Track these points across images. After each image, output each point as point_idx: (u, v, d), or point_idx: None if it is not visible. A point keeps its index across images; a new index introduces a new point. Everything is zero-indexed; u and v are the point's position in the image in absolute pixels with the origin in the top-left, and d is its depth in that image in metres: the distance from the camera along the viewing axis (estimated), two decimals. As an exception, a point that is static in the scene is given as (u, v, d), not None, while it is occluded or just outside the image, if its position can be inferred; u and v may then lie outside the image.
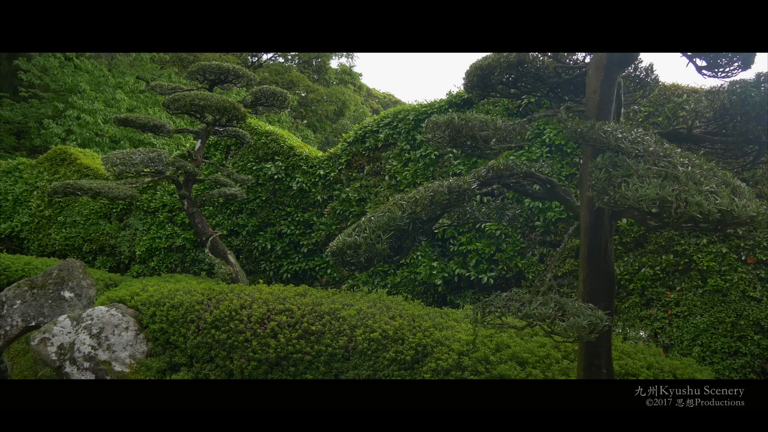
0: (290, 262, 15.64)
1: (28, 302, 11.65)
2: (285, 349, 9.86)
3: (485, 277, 12.33)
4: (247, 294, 10.80)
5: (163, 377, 10.60)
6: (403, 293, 12.69)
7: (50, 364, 10.88)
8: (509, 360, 8.28)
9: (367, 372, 9.47)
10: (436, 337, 9.18)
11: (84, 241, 18.05)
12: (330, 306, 10.22)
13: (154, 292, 11.22)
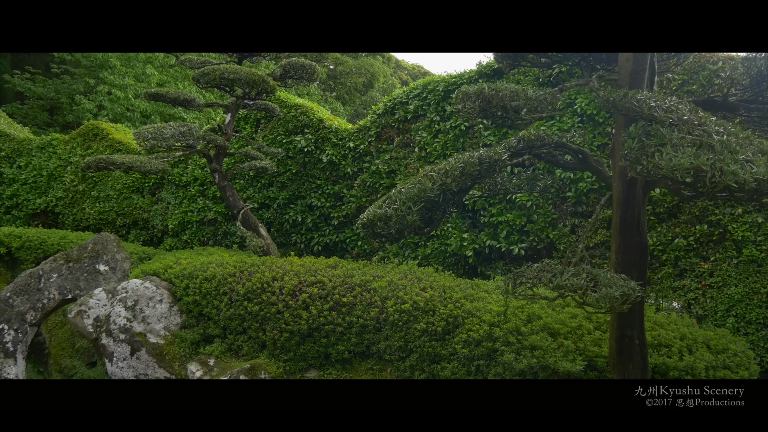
0: (321, 234, 15.70)
1: (65, 276, 11.85)
2: (317, 320, 9.93)
3: (516, 249, 12.29)
4: (278, 266, 10.87)
5: (197, 349, 10.74)
6: (433, 265, 12.70)
7: (87, 336, 11.08)
8: (541, 331, 8.27)
9: (399, 343, 9.52)
10: (467, 309, 9.19)
11: (117, 215, 18.26)
12: (361, 278, 10.26)
13: (187, 264, 11.34)
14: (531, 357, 7.87)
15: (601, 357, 7.85)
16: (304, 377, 10.14)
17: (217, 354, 10.54)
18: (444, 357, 9.23)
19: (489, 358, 8.60)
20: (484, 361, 8.65)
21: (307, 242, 15.92)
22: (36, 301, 11.66)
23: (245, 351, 10.51)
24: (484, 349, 8.57)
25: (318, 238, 15.70)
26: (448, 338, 9.22)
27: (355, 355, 10.05)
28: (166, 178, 17.60)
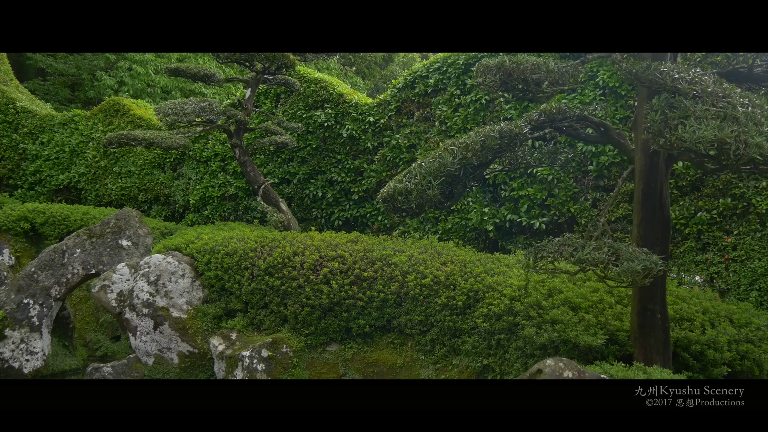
0: (341, 209, 15.73)
1: (88, 251, 11.97)
2: (338, 295, 9.98)
3: (537, 223, 12.25)
4: (299, 241, 10.91)
5: (219, 323, 10.84)
6: (454, 239, 12.69)
7: (110, 310, 11.21)
8: (562, 305, 8.26)
9: (419, 317, 9.55)
10: (488, 283, 9.19)
11: (139, 191, 18.37)
12: (381, 252, 10.28)
13: (208, 240, 11.41)
14: (552, 331, 7.87)
15: (623, 331, 7.84)
16: (326, 351, 10.22)
17: (239, 328, 10.64)
18: (465, 331, 9.26)
19: (510, 332, 8.62)
20: (504, 335, 8.67)
21: (328, 217, 15.95)
22: (60, 276, 11.80)
23: (267, 325, 10.59)
24: (505, 323, 8.58)
25: (338, 213, 15.73)
26: (469, 312, 9.24)
27: (375, 329, 10.11)
28: (187, 154, 17.66)
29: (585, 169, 12.17)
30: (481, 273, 9.43)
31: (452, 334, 9.38)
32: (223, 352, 10.21)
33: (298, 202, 16.23)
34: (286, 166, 16.35)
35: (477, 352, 9.07)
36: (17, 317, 11.63)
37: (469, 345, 9.13)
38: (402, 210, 6.84)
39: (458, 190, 6.95)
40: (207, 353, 10.63)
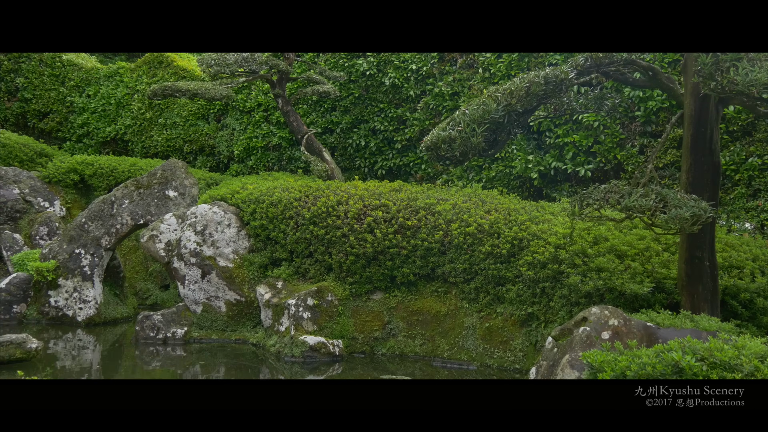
0: (384, 158, 15.70)
1: (136, 201, 12.17)
2: (381, 243, 10.02)
3: (582, 170, 12.10)
4: (343, 190, 10.95)
5: (265, 272, 10.99)
6: (498, 187, 12.61)
7: (159, 260, 11.43)
8: (607, 253, 8.19)
9: (463, 266, 9.56)
10: (533, 231, 9.15)
11: (184, 142, 18.53)
12: (425, 201, 10.27)
13: (253, 190, 11.50)
14: (597, 279, 7.82)
15: (670, 279, 7.76)
16: (370, 299, 10.31)
17: (285, 277, 10.77)
18: (509, 279, 9.25)
19: (554, 280, 8.59)
20: (549, 283, 8.64)
21: (371, 166, 15.95)
22: (110, 227, 12.04)
23: (312, 274, 10.71)
24: (550, 272, 8.55)
25: (381, 162, 15.71)
26: (513, 261, 9.23)
27: (419, 278, 10.15)
28: (231, 105, 17.71)
29: (632, 115, 11.94)
30: (526, 221, 9.38)
31: (496, 282, 9.39)
32: (269, 301, 10.36)
33: (341, 151, 16.24)
34: (329, 115, 16.33)
35: (521, 301, 9.07)
36: (70, 267, 11.93)
37: (513, 293, 9.14)
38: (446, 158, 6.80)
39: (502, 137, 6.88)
40: (254, 301, 10.81)
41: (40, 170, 15.99)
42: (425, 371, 9.16)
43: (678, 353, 4.99)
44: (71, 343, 10.89)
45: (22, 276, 12.02)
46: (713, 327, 6.18)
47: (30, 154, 16.81)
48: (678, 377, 4.91)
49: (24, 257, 12.45)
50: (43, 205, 15.11)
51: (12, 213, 14.67)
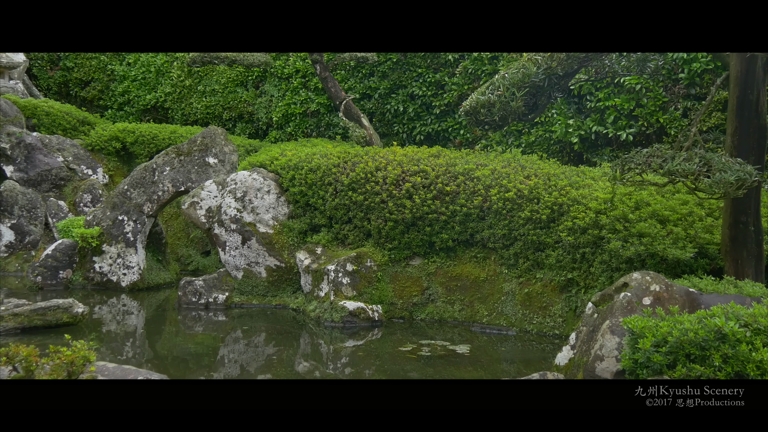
0: (423, 123, 15.63)
1: (177, 168, 12.29)
2: (420, 209, 10.01)
3: (624, 134, 11.92)
4: (381, 156, 10.93)
5: (304, 238, 11.06)
6: (537, 152, 12.49)
7: (200, 226, 11.56)
8: (649, 218, 8.08)
9: (502, 231, 9.52)
10: (573, 196, 9.06)
11: (223, 109, 18.64)
12: (464, 166, 10.22)
13: (292, 156, 11.53)
14: (638, 244, 7.73)
15: (713, 244, 7.65)
16: (409, 264, 10.33)
17: (324, 243, 10.83)
18: (548, 245, 9.20)
19: (595, 245, 8.52)
20: (589, 248, 8.58)
21: (409, 132, 15.89)
22: (152, 194, 12.19)
23: (351, 240, 10.75)
24: (590, 237, 8.48)
25: (420, 128, 15.65)
26: (553, 226, 9.16)
27: (458, 244, 10.14)
28: (269, 71, 17.73)
29: (675, 77, 11.69)
30: (566, 186, 9.29)
31: (536, 247, 9.34)
32: (309, 266, 10.44)
33: (380, 117, 16.20)
34: (367, 81, 16.27)
35: (561, 266, 9.02)
36: (113, 233, 12.13)
37: (552, 259, 9.09)
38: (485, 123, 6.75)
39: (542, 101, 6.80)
40: (293, 267, 10.90)
41: (83, 138, 16.22)
42: (464, 336, 9.19)
43: (721, 319, 4.93)
44: (116, 308, 11.11)
45: (67, 242, 12.26)
46: (757, 293, 6.08)
47: (73, 122, 17.03)
48: (720, 343, 4.87)
49: (69, 224, 12.69)
50: (87, 173, 15.35)
51: (56, 181, 14.94)
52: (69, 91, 20.88)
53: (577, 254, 8.75)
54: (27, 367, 5.82)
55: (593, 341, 6.25)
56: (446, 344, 8.73)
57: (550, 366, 7.00)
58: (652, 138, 11.84)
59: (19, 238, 14.21)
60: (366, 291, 10.04)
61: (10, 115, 15.39)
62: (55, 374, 5.74)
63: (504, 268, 9.74)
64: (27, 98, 17.46)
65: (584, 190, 9.10)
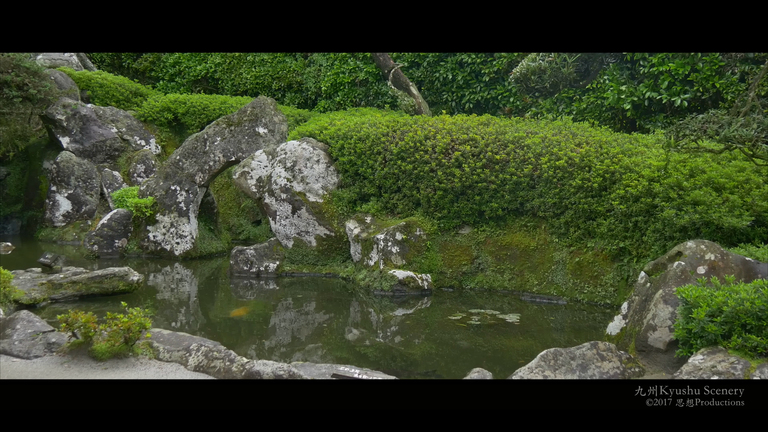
0: (472, 91, 15.49)
1: (227, 139, 12.40)
2: (470, 178, 9.96)
3: (678, 100, 11.64)
4: (430, 125, 10.88)
5: (353, 207, 11.10)
6: (589, 119, 12.28)
7: (251, 196, 11.68)
8: (704, 185, 7.91)
9: (553, 200, 9.43)
10: (625, 164, 8.91)
11: (272, 79, 18.71)
12: (514, 134, 10.12)
13: (341, 125, 11.55)
14: (693, 212, 7.58)
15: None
16: (458, 234, 10.31)
17: (374, 212, 10.86)
18: (600, 213, 9.09)
19: (648, 214, 8.39)
20: (642, 217, 8.45)
21: (458, 100, 15.77)
22: (203, 164, 12.34)
23: (400, 209, 10.76)
24: (643, 205, 8.35)
25: (469, 96, 15.51)
26: (605, 194, 9.04)
27: (508, 212, 10.08)
28: (317, 40, 17.71)
29: (733, 41, 11.35)
30: (618, 154, 9.14)
31: (587, 216, 9.23)
32: (358, 235, 10.49)
33: (428, 85, 16.09)
34: (416, 49, 16.14)
35: (613, 235, 8.91)
36: (166, 203, 12.33)
37: (604, 227, 8.98)
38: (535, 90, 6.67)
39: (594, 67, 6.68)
40: (343, 236, 10.96)
41: (136, 109, 16.47)
42: (514, 305, 9.16)
43: (778, 289, 4.84)
44: (169, 276, 11.33)
45: (122, 212, 12.51)
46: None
47: (126, 93, 17.29)
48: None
49: (123, 194, 12.94)
50: (140, 143, 15.60)
51: (111, 151, 15.21)
52: (121, 63, 21.15)
53: (630, 223, 8.63)
54: (85, 333, 5.99)
55: (646, 311, 6.18)
56: (496, 313, 8.72)
57: (601, 336, 6.95)
58: (707, 103, 11.55)
59: (76, 208, 14.55)
60: (415, 260, 10.06)
61: (65, 87, 15.68)
62: (112, 340, 5.90)
63: (554, 237, 9.66)
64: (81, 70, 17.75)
65: (637, 158, 8.94)
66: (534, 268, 9.73)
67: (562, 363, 5.59)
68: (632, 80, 12.41)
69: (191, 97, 16.43)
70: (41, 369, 5.67)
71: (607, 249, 9.02)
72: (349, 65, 16.97)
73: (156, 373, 5.64)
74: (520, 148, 9.90)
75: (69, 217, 14.51)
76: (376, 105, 16.58)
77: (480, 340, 7.71)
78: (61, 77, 15.85)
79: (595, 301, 9.04)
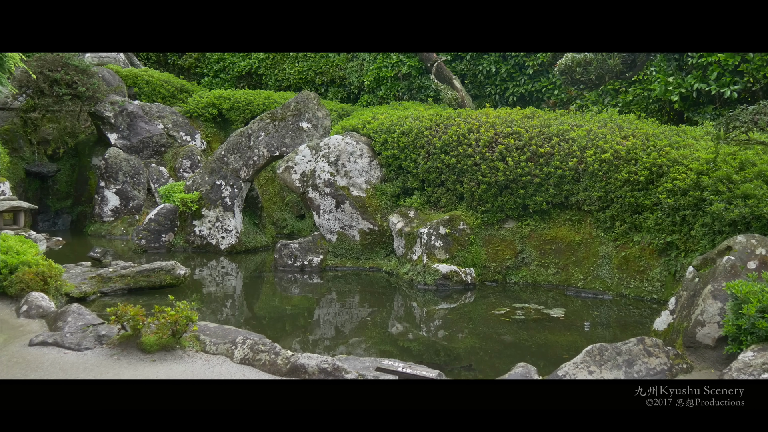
0: (515, 84, 15.38)
1: (271, 134, 12.49)
2: (513, 171, 9.89)
3: (728, 91, 11.40)
4: (473, 118, 10.83)
5: (397, 201, 11.10)
6: (635, 112, 12.10)
7: (295, 190, 11.75)
8: (755, 178, 7.74)
9: (598, 193, 9.32)
10: (673, 156, 8.77)
11: (316, 74, 18.81)
12: (558, 127, 10.02)
13: (384, 119, 11.56)
14: (743, 206, 7.43)
15: (824, 205, 7.28)
16: (502, 227, 10.25)
17: (417, 206, 10.86)
18: (647, 207, 8.95)
19: (696, 207, 8.24)
20: (690, 211, 8.30)
21: (502, 93, 15.67)
22: (247, 159, 12.45)
23: (443, 203, 10.74)
24: (691, 199, 8.20)
25: (513, 89, 15.40)
26: (652, 188, 8.90)
27: (553, 206, 9.99)
28: (360, 35, 17.74)
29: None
30: (665, 146, 9.00)
31: (633, 210, 9.11)
32: (402, 229, 10.49)
33: (471, 78, 16.02)
34: (459, 42, 16.07)
35: (660, 229, 8.77)
36: (212, 198, 12.48)
37: (651, 221, 8.84)
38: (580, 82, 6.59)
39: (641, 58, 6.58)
40: (386, 230, 10.98)
41: (181, 105, 16.68)
42: (558, 300, 9.09)
43: (832, 284, 4.72)
44: (215, 270, 11.46)
45: (168, 207, 12.69)
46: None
47: (171, 90, 17.52)
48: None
49: (170, 189, 13.12)
50: (185, 139, 15.80)
51: (157, 147, 15.43)
52: (167, 60, 21.43)
53: (677, 217, 8.49)
54: (134, 325, 6.09)
55: (694, 306, 6.08)
56: (540, 308, 8.66)
57: (647, 331, 6.87)
58: (758, 95, 11.29)
59: (124, 203, 14.80)
60: (459, 254, 10.03)
61: (112, 85, 15.94)
62: (160, 333, 5.99)
63: (600, 231, 9.55)
64: (128, 67, 18.04)
65: (685, 151, 8.79)
66: (579, 263, 9.64)
67: (607, 358, 5.53)
68: (680, 71, 12.20)
69: (235, 92, 16.58)
70: (92, 361, 5.78)
71: (654, 243, 8.89)
72: (391, 59, 16.97)
73: (203, 365, 5.72)
74: (565, 141, 9.80)
75: (117, 212, 14.77)
76: (419, 99, 16.56)
77: (524, 335, 7.66)
78: (109, 75, 16.13)
79: (641, 296, 8.92)
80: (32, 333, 6.54)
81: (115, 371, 5.53)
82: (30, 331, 6.63)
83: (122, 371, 5.53)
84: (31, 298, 7.35)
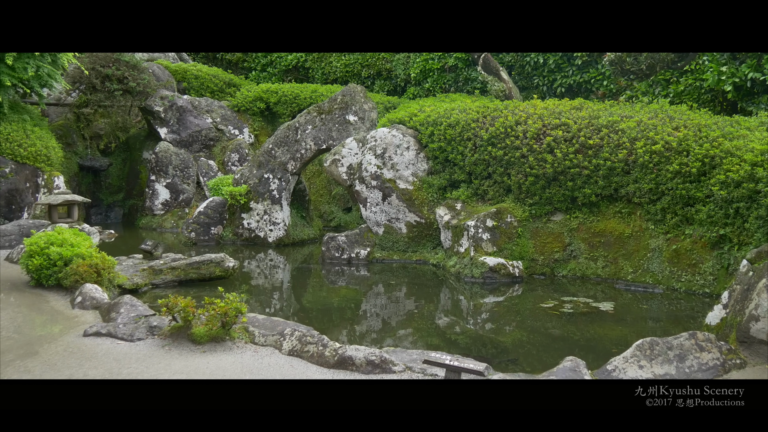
0: (563, 75, 15.20)
1: (318, 127, 12.55)
2: (562, 163, 9.79)
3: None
4: (521, 110, 10.74)
5: (443, 194, 11.08)
6: (687, 102, 11.88)
7: (341, 183, 11.80)
8: (812, 170, 7.55)
9: (649, 185, 9.17)
10: (726, 148, 8.59)
11: (362, 67, 18.83)
12: (608, 119, 9.89)
13: (430, 112, 11.52)
14: (799, 198, 7.25)
15: None
16: (550, 220, 10.16)
17: (464, 198, 10.82)
18: (699, 199, 8.79)
19: (750, 200, 8.06)
20: (744, 203, 8.13)
21: (550, 84, 15.50)
22: (295, 152, 12.53)
23: (490, 195, 10.68)
24: (745, 191, 8.03)
25: (561, 80, 15.23)
26: (704, 179, 8.74)
27: (601, 198, 9.86)
28: (406, 27, 17.71)
29: (844, 17, 10.77)
30: (718, 137, 8.82)
31: (685, 202, 8.95)
32: (449, 222, 10.47)
33: (519, 69, 15.88)
34: (506, 33, 15.94)
35: (712, 222, 8.61)
36: (260, 191, 12.59)
37: (703, 214, 8.68)
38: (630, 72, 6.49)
39: (693, 48, 6.45)
40: (433, 223, 10.96)
41: (229, 99, 16.86)
42: (607, 293, 8.98)
43: None
44: (263, 262, 11.58)
45: (217, 200, 12.85)
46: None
47: (219, 84, 17.71)
48: None
49: (218, 182, 13.27)
50: (234, 133, 15.96)
51: (206, 141, 15.62)
52: (215, 55, 21.66)
53: (731, 209, 8.32)
54: (185, 317, 6.19)
55: (748, 300, 5.96)
56: (589, 301, 8.57)
57: (699, 326, 6.75)
58: (815, 84, 10.99)
59: (174, 196, 15.03)
60: (506, 247, 9.97)
61: (162, 80, 16.17)
62: (210, 324, 6.07)
63: (650, 224, 9.41)
64: (177, 63, 18.28)
65: (739, 142, 8.60)
66: (629, 256, 9.51)
67: (658, 353, 5.45)
68: (733, 61, 11.93)
69: (282, 86, 16.69)
70: (144, 351, 5.89)
71: (706, 236, 8.72)
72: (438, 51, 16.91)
73: (252, 356, 5.78)
74: (614, 132, 9.67)
75: (167, 206, 15.00)
76: (466, 91, 16.47)
77: (572, 329, 7.59)
78: (159, 70, 16.37)
79: (692, 290, 8.77)
80: (86, 324, 6.68)
81: (167, 362, 5.62)
82: (84, 322, 6.78)
83: (173, 362, 5.62)
84: (85, 289, 7.52)
